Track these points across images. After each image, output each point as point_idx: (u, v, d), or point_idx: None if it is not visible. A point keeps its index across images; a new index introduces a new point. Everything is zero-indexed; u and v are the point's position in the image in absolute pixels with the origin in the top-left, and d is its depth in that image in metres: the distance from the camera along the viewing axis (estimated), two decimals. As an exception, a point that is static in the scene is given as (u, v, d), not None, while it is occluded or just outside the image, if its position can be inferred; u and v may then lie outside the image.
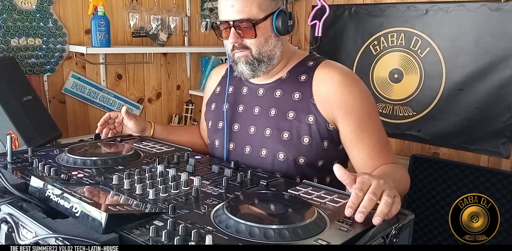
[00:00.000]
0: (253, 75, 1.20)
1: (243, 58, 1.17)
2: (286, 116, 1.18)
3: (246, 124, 1.25)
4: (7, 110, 1.49)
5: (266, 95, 1.24)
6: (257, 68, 1.18)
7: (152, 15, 2.35)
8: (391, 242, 0.76)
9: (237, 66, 1.19)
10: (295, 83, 1.20)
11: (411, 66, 2.32)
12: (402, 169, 1.15)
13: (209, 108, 1.39)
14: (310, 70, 1.20)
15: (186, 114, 2.62)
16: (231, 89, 1.32)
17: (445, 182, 2.15)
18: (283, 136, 1.17)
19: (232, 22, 1.13)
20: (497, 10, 2.00)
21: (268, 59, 1.18)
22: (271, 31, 1.16)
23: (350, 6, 2.52)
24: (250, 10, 1.12)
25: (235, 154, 1.26)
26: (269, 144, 1.19)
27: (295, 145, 1.16)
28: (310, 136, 1.15)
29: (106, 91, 2.30)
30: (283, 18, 1.15)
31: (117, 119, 1.41)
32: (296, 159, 1.17)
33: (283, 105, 1.20)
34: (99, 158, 1.09)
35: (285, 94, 1.20)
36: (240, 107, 1.28)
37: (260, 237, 0.69)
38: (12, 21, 1.93)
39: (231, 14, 1.13)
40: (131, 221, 0.74)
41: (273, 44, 1.17)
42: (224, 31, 1.17)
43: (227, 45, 1.21)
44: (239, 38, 1.15)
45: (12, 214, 0.79)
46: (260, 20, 1.13)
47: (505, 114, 2.04)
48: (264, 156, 1.20)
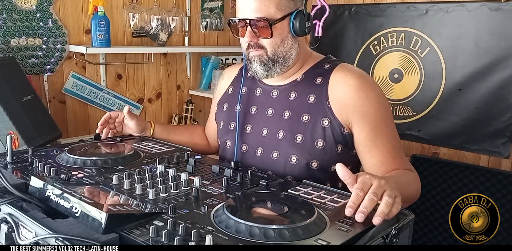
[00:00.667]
0: (266, 76, 1.18)
1: (258, 57, 1.16)
2: (300, 119, 1.16)
3: (259, 126, 1.24)
4: (7, 110, 1.49)
5: (280, 97, 1.22)
6: (271, 68, 1.16)
7: (152, 15, 2.35)
8: (391, 242, 0.76)
9: (251, 65, 1.18)
10: (310, 85, 1.18)
11: (411, 66, 2.32)
12: (412, 174, 1.13)
13: (221, 109, 1.37)
14: (326, 73, 1.18)
15: (186, 114, 2.62)
16: (244, 90, 1.31)
17: (445, 182, 2.15)
18: (297, 139, 1.15)
19: (248, 21, 1.12)
20: (497, 10, 2.00)
21: (283, 60, 1.16)
22: (288, 32, 1.15)
23: (350, 6, 2.52)
24: (268, 9, 1.11)
25: (247, 156, 1.24)
26: (282, 146, 1.18)
27: (309, 148, 1.14)
28: (324, 140, 1.13)
29: (106, 91, 2.30)
30: (301, 19, 1.13)
31: (118, 119, 1.41)
32: (309, 162, 1.15)
33: (297, 108, 1.18)
34: (99, 158, 1.09)
35: (300, 96, 1.19)
36: (253, 109, 1.27)
37: (260, 237, 0.69)
38: (12, 21, 1.93)
39: (249, 12, 1.12)
40: (131, 221, 0.74)
41: (289, 45, 1.16)
42: (241, 29, 1.16)
43: (242, 43, 1.20)
44: (254, 37, 1.14)
45: (12, 214, 0.79)
46: (277, 20, 1.12)
47: (505, 114, 2.04)
48: (275, 158, 1.18)
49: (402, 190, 0.91)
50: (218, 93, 1.43)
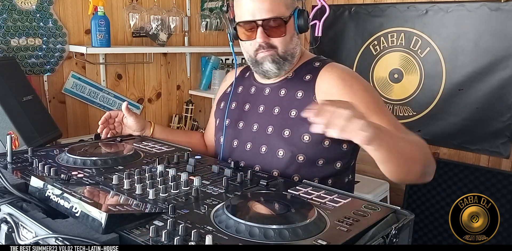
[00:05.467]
0: (278, 74, 1.20)
1: (270, 57, 1.17)
2: (289, 115, 1.18)
3: (250, 122, 1.26)
4: (7, 110, 1.49)
5: (271, 94, 1.25)
6: (281, 67, 1.18)
7: (152, 15, 2.35)
8: (391, 242, 0.76)
9: (262, 66, 1.19)
10: (299, 82, 1.21)
11: (411, 66, 2.32)
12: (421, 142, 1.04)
13: (218, 107, 1.41)
14: (315, 71, 1.20)
15: (186, 114, 2.62)
16: (241, 89, 1.34)
17: (445, 182, 2.15)
18: (284, 133, 1.18)
19: (261, 22, 1.13)
20: (497, 10, 2.00)
21: (291, 57, 1.19)
22: (293, 29, 1.18)
23: (350, 6, 2.52)
24: (279, 8, 1.13)
25: (237, 151, 1.27)
26: (270, 141, 1.20)
27: (295, 142, 1.16)
28: (310, 134, 1.15)
29: (106, 91, 2.30)
30: (304, 17, 1.17)
31: (117, 118, 1.42)
32: (296, 156, 1.16)
33: (286, 104, 1.20)
34: (99, 158, 1.09)
35: (289, 93, 1.21)
36: (246, 106, 1.30)
37: (260, 237, 0.69)
38: (12, 21, 1.93)
39: (260, 13, 1.12)
40: (131, 221, 0.74)
41: (295, 42, 1.19)
42: (246, 32, 1.16)
43: (247, 46, 1.20)
44: (266, 38, 1.15)
45: (12, 214, 0.79)
46: (288, 18, 1.14)
47: (505, 114, 2.04)
48: (263, 152, 1.21)
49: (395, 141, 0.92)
50: (219, 94, 1.46)
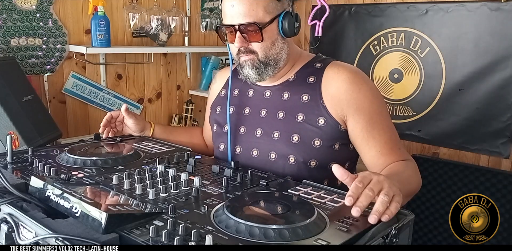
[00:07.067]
0: (259, 79, 1.18)
1: (249, 62, 1.14)
2: (295, 119, 1.16)
3: (252, 127, 1.23)
4: (7, 110, 1.49)
5: (273, 98, 1.22)
6: (263, 72, 1.15)
7: (152, 15, 2.35)
8: (391, 242, 0.76)
9: (243, 70, 1.17)
10: (303, 85, 1.18)
11: (411, 66, 2.32)
12: (412, 166, 1.12)
13: (214, 112, 1.37)
14: (319, 72, 1.18)
15: (186, 114, 2.62)
16: (237, 92, 1.31)
17: (445, 182, 2.14)
18: (293, 138, 1.15)
19: (237, 27, 1.10)
20: (497, 10, 2.00)
21: (275, 62, 1.15)
22: (277, 34, 1.14)
23: (350, 6, 2.52)
24: (256, 13, 1.09)
25: (241, 157, 1.24)
26: (279, 147, 1.17)
27: (306, 148, 1.14)
28: (321, 139, 1.13)
29: (106, 91, 2.30)
30: (290, 20, 1.12)
31: (118, 118, 1.42)
32: (308, 162, 1.15)
33: (291, 108, 1.17)
34: (99, 158, 1.09)
35: (293, 96, 1.18)
36: (246, 110, 1.26)
37: (260, 237, 0.69)
38: (12, 21, 1.93)
39: (237, 18, 1.10)
40: (131, 221, 0.74)
41: (279, 47, 1.15)
42: (229, 35, 1.14)
43: (232, 48, 1.19)
44: (245, 43, 1.12)
45: (12, 214, 0.79)
46: (266, 24, 1.10)
47: (505, 114, 2.04)
48: (273, 159, 1.18)
49: (406, 185, 0.91)
50: (212, 96, 1.43)
